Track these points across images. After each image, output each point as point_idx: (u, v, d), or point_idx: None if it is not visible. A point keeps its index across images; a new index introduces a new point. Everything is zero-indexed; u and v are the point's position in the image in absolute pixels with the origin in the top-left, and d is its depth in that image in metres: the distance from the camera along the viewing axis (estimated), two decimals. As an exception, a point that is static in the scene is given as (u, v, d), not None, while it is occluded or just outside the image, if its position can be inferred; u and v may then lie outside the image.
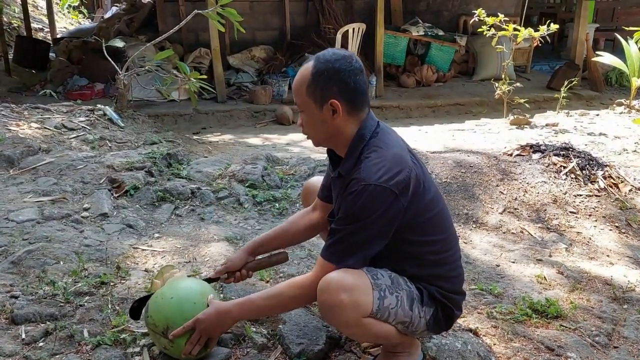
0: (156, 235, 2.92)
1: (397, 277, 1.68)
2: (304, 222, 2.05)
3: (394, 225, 1.61)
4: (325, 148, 1.82)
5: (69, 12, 14.80)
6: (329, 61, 1.63)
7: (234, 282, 2.05)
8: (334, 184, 1.79)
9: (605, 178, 3.53)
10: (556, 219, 3.20)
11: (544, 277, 2.61)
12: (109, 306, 2.13)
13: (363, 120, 1.69)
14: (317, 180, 2.12)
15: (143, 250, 2.72)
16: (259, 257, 2.08)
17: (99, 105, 4.85)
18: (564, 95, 5.54)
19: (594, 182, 3.49)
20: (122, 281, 2.35)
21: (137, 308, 1.92)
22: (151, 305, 1.80)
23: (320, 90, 1.63)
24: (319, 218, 1.99)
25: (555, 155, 3.68)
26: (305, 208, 2.14)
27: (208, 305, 1.78)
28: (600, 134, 4.52)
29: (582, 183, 3.46)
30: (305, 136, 1.76)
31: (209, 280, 2.02)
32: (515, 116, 5.00)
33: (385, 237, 1.62)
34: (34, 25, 11.19)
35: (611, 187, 3.48)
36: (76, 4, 14.87)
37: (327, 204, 1.92)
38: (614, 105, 5.91)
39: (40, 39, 10.63)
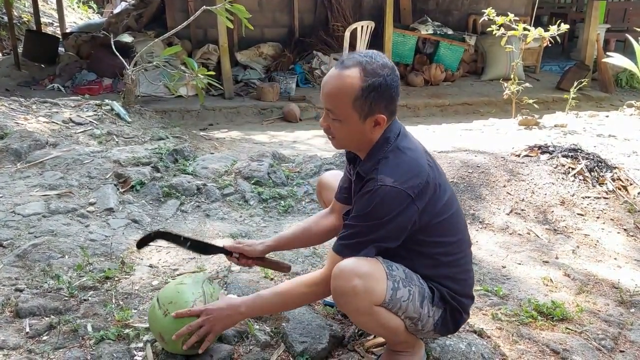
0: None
1: (411, 273, 1.68)
2: (322, 224, 2.04)
3: (407, 227, 1.61)
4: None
5: (78, 7, 14.87)
6: (379, 75, 1.57)
7: (236, 263, 2.06)
8: (354, 184, 1.78)
9: (614, 180, 3.50)
10: (563, 220, 3.17)
11: (550, 279, 2.59)
12: (113, 301, 2.13)
13: (390, 124, 1.68)
14: (332, 174, 2.12)
15: (148, 245, 2.71)
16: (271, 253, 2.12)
17: (106, 100, 4.85)
18: (574, 96, 5.48)
19: (603, 184, 3.46)
20: (127, 276, 2.36)
21: (145, 241, 2.01)
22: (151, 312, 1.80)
23: (369, 106, 1.59)
24: (337, 220, 1.98)
25: (563, 156, 3.65)
26: (320, 204, 2.15)
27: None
28: (610, 136, 4.46)
29: (591, 185, 3.43)
30: (329, 136, 1.72)
31: (219, 248, 2.04)
32: (523, 117, 4.96)
33: (397, 239, 1.62)
34: (43, 19, 11.25)
35: (620, 189, 3.45)
36: (86, -1, 14.95)
37: (345, 205, 1.91)
38: (624, 107, 5.84)
39: (50, 33, 10.69)
